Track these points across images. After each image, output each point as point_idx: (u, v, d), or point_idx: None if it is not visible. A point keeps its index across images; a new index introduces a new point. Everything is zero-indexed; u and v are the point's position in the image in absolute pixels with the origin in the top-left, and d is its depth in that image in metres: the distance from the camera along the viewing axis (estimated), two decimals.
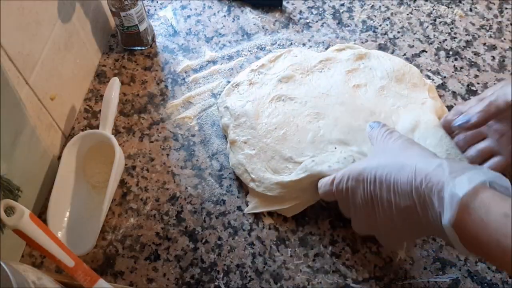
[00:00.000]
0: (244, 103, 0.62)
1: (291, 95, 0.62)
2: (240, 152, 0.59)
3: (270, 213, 0.58)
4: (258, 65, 0.66)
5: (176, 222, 0.57)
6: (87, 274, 0.45)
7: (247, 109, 0.61)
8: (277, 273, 0.54)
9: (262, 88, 0.63)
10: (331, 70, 0.65)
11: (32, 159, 0.55)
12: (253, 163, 0.58)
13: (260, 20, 0.74)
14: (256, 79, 0.64)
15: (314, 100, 0.62)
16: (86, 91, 0.68)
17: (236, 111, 0.61)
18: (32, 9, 0.53)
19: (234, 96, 0.63)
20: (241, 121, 0.61)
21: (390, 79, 0.63)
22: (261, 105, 0.62)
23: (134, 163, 0.62)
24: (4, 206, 0.44)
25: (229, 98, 0.63)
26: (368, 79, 0.63)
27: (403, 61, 0.66)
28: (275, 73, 0.65)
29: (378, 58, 0.66)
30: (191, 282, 0.54)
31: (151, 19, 0.75)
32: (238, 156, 0.59)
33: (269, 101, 0.62)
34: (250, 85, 0.64)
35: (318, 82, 0.64)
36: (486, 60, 0.69)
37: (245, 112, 0.61)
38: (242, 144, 0.59)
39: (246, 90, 0.64)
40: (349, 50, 0.67)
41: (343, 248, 0.55)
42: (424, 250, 0.54)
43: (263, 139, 0.59)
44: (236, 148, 0.60)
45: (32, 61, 0.54)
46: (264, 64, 0.66)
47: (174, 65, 0.70)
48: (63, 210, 0.56)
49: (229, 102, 0.63)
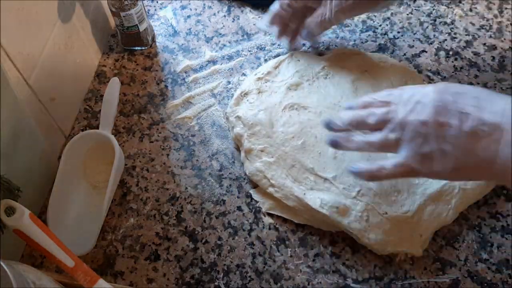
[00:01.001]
0: (256, 112, 0.61)
1: (303, 103, 0.62)
2: (257, 160, 0.58)
3: (270, 213, 0.58)
4: (263, 73, 0.65)
5: (176, 222, 0.57)
6: (87, 274, 0.45)
7: (261, 118, 0.61)
8: (277, 273, 0.54)
9: (272, 96, 0.63)
10: (335, 78, 0.64)
11: (32, 159, 0.55)
12: (272, 169, 0.57)
13: (260, 20, 0.74)
14: (264, 88, 0.64)
15: (328, 110, 0.61)
16: (86, 91, 0.68)
17: (249, 120, 0.60)
18: (32, 9, 0.53)
19: (245, 105, 0.63)
20: (255, 130, 0.60)
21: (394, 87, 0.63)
22: (274, 113, 0.61)
23: (134, 163, 0.62)
24: (4, 206, 0.44)
25: (239, 108, 0.63)
26: (374, 88, 0.63)
27: (404, 67, 0.66)
28: (282, 80, 0.64)
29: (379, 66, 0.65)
30: (191, 282, 0.54)
31: (151, 19, 0.75)
32: (256, 164, 0.58)
33: (282, 110, 0.61)
34: (259, 93, 0.63)
35: (326, 90, 0.63)
36: (486, 60, 0.69)
37: (259, 121, 0.60)
38: (259, 153, 0.59)
39: (256, 99, 0.63)
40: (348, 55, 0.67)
41: (343, 248, 0.55)
42: (424, 250, 0.54)
43: (281, 147, 0.58)
44: (252, 157, 0.59)
45: (32, 61, 0.54)
46: (270, 71, 0.65)
47: (174, 65, 0.70)
48: (63, 210, 0.56)
49: (241, 112, 0.62)
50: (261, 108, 0.62)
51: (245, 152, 0.60)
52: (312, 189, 0.56)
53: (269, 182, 0.57)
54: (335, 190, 0.55)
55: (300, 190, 0.55)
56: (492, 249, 0.55)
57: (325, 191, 0.55)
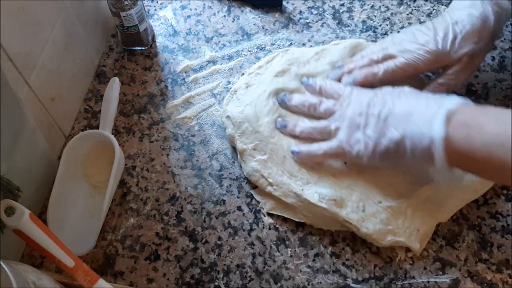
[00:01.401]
0: (242, 109, 0.60)
1: (288, 86, 0.61)
2: (252, 160, 0.58)
3: (270, 213, 0.58)
4: (255, 68, 0.65)
5: (176, 222, 0.57)
6: (87, 274, 0.45)
7: (247, 113, 0.59)
8: (277, 273, 0.54)
9: (259, 88, 0.62)
10: (326, 58, 0.64)
11: (32, 159, 0.55)
12: (268, 167, 0.57)
13: (260, 20, 0.74)
14: (252, 81, 0.63)
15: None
16: (86, 91, 0.68)
17: (237, 119, 0.60)
18: (32, 9, 0.53)
19: (233, 103, 0.62)
20: (243, 128, 0.59)
21: None
22: (258, 105, 0.60)
23: (134, 163, 0.62)
24: (4, 206, 0.44)
25: (228, 107, 0.62)
26: None
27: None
28: (271, 71, 0.63)
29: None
30: (191, 282, 0.54)
31: (151, 19, 0.75)
32: (251, 164, 0.58)
33: (266, 98, 0.60)
34: (247, 88, 0.63)
35: (315, 70, 0.63)
36: (486, 60, 0.69)
37: (245, 117, 0.59)
38: (251, 152, 0.58)
39: (243, 94, 0.62)
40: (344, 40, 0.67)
41: (343, 248, 0.55)
42: (424, 250, 0.54)
43: (270, 139, 0.58)
44: (247, 157, 0.58)
45: (32, 61, 0.54)
46: (261, 66, 0.65)
47: (174, 65, 0.70)
48: (63, 210, 0.56)
49: (230, 111, 0.61)
50: (247, 102, 0.61)
51: (239, 154, 0.60)
52: (308, 183, 0.56)
53: (267, 181, 0.57)
54: (327, 179, 0.56)
55: (298, 186, 0.56)
56: (492, 249, 0.55)
57: (320, 183, 0.56)
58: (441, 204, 0.55)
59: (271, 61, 0.65)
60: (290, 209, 0.57)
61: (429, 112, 0.48)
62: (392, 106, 0.51)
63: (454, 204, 0.56)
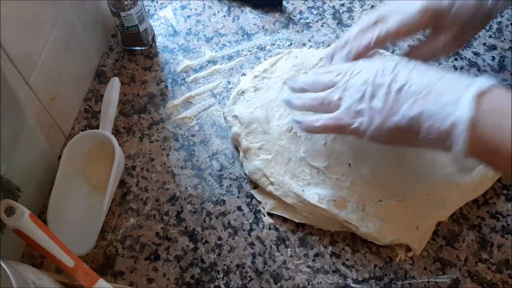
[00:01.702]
0: (252, 110, 0.61)
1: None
2: (256, 159, 0.58)
3: (270, 213, 0.58)
4: (260, 71, 0.65)
5: (176, 222, 0.57)
6: (87, 274, 0.45)
7: (257, 115, 0.60)
8: (277, 273, 0.54)
9: (269, 93, 0.63)
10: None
11: (32, 159, 0.55)
12: (271, 167, 0.57)
13: (260, 20, 0.74)
14: (260, 85, 0.64)
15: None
16: (86, 91, 0.68)
17: (246, 119, 0.60)
18: (32, 9, 0.53)
19: (241, 104, 0.62)
20: (252, 128, 0.60)
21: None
22: (270, 109, 0.61)
23: (134, 163, 0.62)
24: (4, 206, 0.44)
25: (236, 107, 0.62)
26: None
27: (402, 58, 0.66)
28: (278, 76, 0.64)
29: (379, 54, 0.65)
30: (191, 282, 0.54)
31: (151, 19, 0.75)
32: (255, 163, 0.58)
33: (278, 105, 0.61)
34: (255, 91, 0.63)
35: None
36: (486, 60, 0.69)
37: (255, 118, 0.60)
38: (257, 151, 0.59)
39: (253, 97, 0.63)
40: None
41: (343, 248, 0.55)
42: (424, 250, 0.54)
43: (278, 141, 0.59)
44: (251, 155, 0.59)
45: (32, 61, 0.54)
46: (266, 68, 0.65)
47: (174, 65, 0.70)
48: (63, 210, 0.56)
49: (237, 111, 0.62)
50: (257, 105, 0.61)
51: (243, 151, 0.60)
52: (309, 184, 0.56)
53: (268, 180, 0.57)
54: (329, 182, 0.56)
55: (299, 187, 0.56)
56: (492, 249, 0.55)
57: (321, 185, 0.56)
58: (440, 203, 0.55)
59: (275, 64, 0.66)
60: (290, 209, 0.57)
61: (455, 90, 0.42)
62: (407, 78, 0.46)
63: (454, 203, 0.56)
